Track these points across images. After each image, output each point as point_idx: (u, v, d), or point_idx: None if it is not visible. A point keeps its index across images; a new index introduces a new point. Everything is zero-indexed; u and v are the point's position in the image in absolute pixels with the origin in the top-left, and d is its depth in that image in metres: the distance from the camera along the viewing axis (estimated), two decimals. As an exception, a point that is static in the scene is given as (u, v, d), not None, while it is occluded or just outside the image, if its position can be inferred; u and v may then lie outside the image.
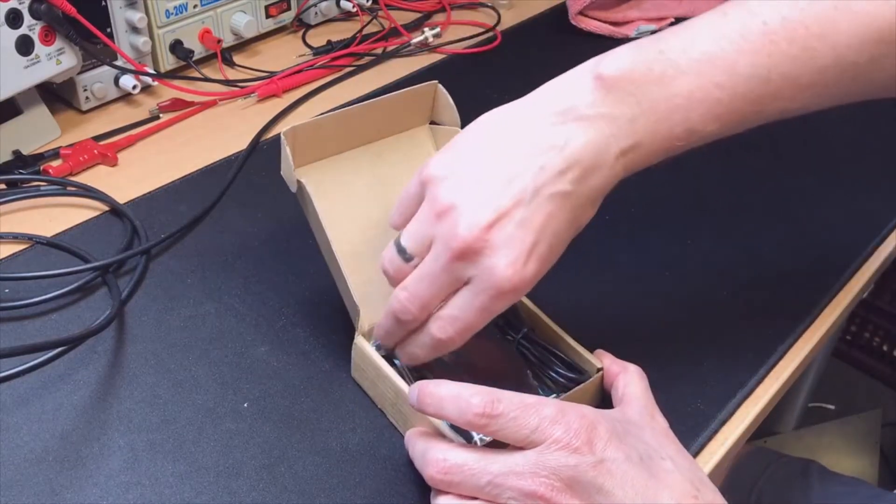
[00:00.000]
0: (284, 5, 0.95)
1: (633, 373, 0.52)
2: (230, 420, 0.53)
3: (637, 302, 0.65)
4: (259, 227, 0.69)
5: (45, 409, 0.53)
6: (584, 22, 1.00)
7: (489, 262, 0.44)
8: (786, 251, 0.70)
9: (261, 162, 0.77)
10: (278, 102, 0.86)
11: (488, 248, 0.43)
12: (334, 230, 0.54)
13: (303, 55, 0.94)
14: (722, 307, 0.65)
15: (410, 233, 0.47)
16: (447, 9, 1.04)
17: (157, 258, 0.66)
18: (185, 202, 0.71)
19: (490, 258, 0.43)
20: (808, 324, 0.64)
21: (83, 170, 0.75)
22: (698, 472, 0.45)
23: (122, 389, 0.55)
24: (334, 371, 0.57)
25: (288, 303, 0.62)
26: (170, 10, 0.84)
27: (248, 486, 0.50)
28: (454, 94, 0.58)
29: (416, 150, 0.59)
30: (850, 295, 0.67)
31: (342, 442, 0.52)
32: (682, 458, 0.46)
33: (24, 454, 0.51)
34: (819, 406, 1.44)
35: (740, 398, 0.57)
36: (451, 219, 0.44)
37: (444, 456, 0.44)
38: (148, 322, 0.60)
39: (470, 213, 0.44)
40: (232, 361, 0.57)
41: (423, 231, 0.46)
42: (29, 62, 0.72)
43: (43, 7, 0.70)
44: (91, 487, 0.49)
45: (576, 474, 0.41)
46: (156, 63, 0.87)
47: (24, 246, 0.66)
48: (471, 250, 0.43)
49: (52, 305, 0.61)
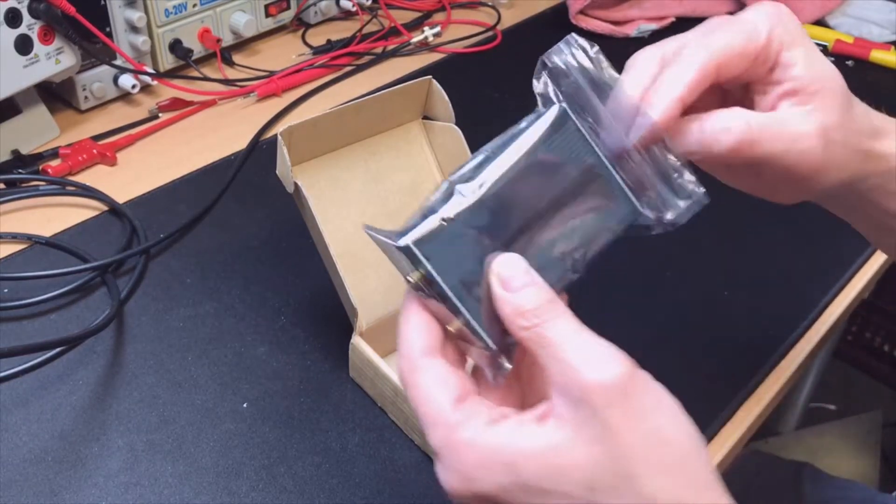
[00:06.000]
0: (284, 4, 0.95)
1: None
2: (229, 420, 0.53)
3: (637, 301, 0.65)
4: (258, 227, 0.69)
5: (44, 409, 0.53)
6: (585, 21, 1.00)
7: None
8: (787, 251, 0.69)
9: (260, 161, 0.77)
10: (278, 102, 0.86)
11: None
12: (330, 230, 0.53)
13: (302, 54, 0.94)
14: (722, 307, 0.64)
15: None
16: (447, 8, 1.04)
17: (156, 258, 0.66)
18: (185, 202, 0.71)
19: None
20: (808, 324, 0.63)
21: (82, 169, 0.75)
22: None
23: (122, 389, 0.55)
24: (334, 371, 0.57)
25: (287, 303, 0.62)
26: (169, 9, 0.84)
27: (247, 486, 0.49)
28: (454, 94, 0.58)
29: (410, 146, 0.59)
30: (851, 295, 0.67)
31: (342, 442, 0.52)
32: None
33: (24, 454, 0.50)
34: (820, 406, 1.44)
35: (741, 398, 0.57)
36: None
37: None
38: (147, 322, 0.60)
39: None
40: (231, 361, 0.57)
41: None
42: (28, 61, 0.72)
43: (42, 6, 0.70)
44: (90, 488, 0.49)
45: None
46: (155, 62, 0.86)
47: (23, 246, 0.66)
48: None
49: (51, 305, 0.61)
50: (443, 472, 0.35)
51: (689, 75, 0.39)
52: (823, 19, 1.05)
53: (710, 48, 0.39)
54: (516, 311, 0.35)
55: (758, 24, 0.40)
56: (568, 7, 1.00)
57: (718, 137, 0.39)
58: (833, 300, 0.66)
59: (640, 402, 0.33)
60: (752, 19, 0.40)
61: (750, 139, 0.39)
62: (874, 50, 0.98)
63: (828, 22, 1.05)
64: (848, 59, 0.99)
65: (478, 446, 0.34)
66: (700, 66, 0.39)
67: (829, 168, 0.40)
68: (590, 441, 0.33)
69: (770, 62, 0.40)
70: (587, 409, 0.33)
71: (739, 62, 0.39)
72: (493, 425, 0.34)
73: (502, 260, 0.36)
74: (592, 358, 0.33)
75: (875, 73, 0.97)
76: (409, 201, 0.59)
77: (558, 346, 0.34)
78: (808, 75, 0.40)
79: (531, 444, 0.33)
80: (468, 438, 0.34)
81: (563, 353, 0.34)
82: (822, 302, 0.65)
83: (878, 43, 1.00)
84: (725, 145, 0.39)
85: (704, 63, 0.39)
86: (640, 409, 0.33)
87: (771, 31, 0.39)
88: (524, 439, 0.34)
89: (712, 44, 0.39)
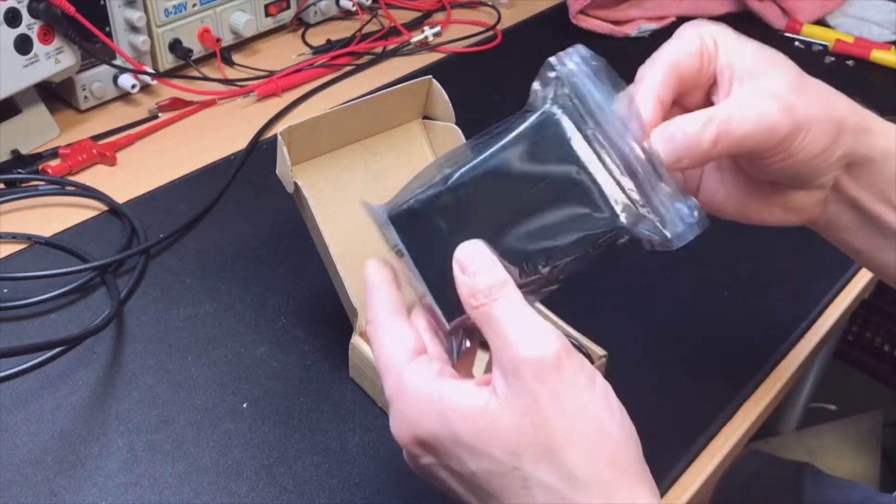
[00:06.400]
0: (284, 4, 0.95)
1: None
2: (229, 420, 0.53)
3: (637, 301, 0.65)
4: (258, 227, 0.69)
5: (43, 410, 0.53)
6: (585, 21, 1.00)
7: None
8: (787, 251, 0.69)
9: (260, 161, 0.77)
10: (278, 102, 0.86)
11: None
12: (330, 230, 0.53)
13: (302, 54, 0.94)
14: (722, 307, 0.64)
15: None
16: (447, 7, 1.04)
17: (156, 258, 0.65)
18: (185, 202, 0.71)
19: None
20: (808, 324, 0.63)
21: (82, 169, 0.75)
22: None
23: (121, 389, 0.55)
24: (333, 371, 0.57)
25: (287, 303, 0.62)
26: (169, 8, 0.84)
27: (247, 486, 0.49)
28: (454, 94, 0.58)
29: (410, 146, 0.59)
30: (851, 295, 0.67)
31: (342, 442, 0.52)
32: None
33: (23, 454, 0.50)
34: (820, 406, 1.43)
35: (741, 398, 0.57)
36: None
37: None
38: (147, 322, 0.60)
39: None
40: (231, 361, 0.57)
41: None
42: (27, 61, 0.71)
43: (42, 6, 0.70)
44: (90, 488, 0.49)
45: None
46: (155, 62, 0.86)
47: (23, 246, 0.66)
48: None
49: (51, 305, 0.61)
50: (392, 419, 0.39)
51: (658, 73, 0.42)
52: (824, 19, 1.05)
53: (664, 51, 0.43)
54: (469, 291, 0.38)
55: (686, 30, 0.43)
56: (568, 7, 1.00)
57: (701, 133, 0.40)
58: (833, 300, 0.66)
59: (569, 381, 0.36)
60: (681, 32, 0.43)
61: (726, 127, 0.40)
62: (874, 50, 0.98)
63: (828, 22, 1.05)
64: (848, 59, 0.99)
65: (420, 393, 0.38)
66: (664, 63, 0.42)
67: (804, 135, 0.41)
68: (518, 412, 0.35)
69: (712, 61, 0.43)
70: (519, 381, 0.36)
71: (692, 61, 0.42)
72: (438, 379, 0.38)
73: (464, 245, 0.39)
74: (529, 336, 0.36)
75: (875, 73, 0.97)
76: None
77: (501, 323, 0.37)
78: (738, 58, 0.42)
79: (466, 403, 0.37)
80: (413, 385, 0.38)
81: (503, 330, 0.37)
82: (822, 302, 0.65)
83: (879, 43, 1.00)
84: (708, 137, 0.40)
85: (666, 60, 0.42)
86: (568, 387, 0.36)
87: (701, 34, 0.43)
88: (461, 396, 0.37)
89: (665, 49, 0.43)
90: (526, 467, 0.35)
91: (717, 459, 0.54)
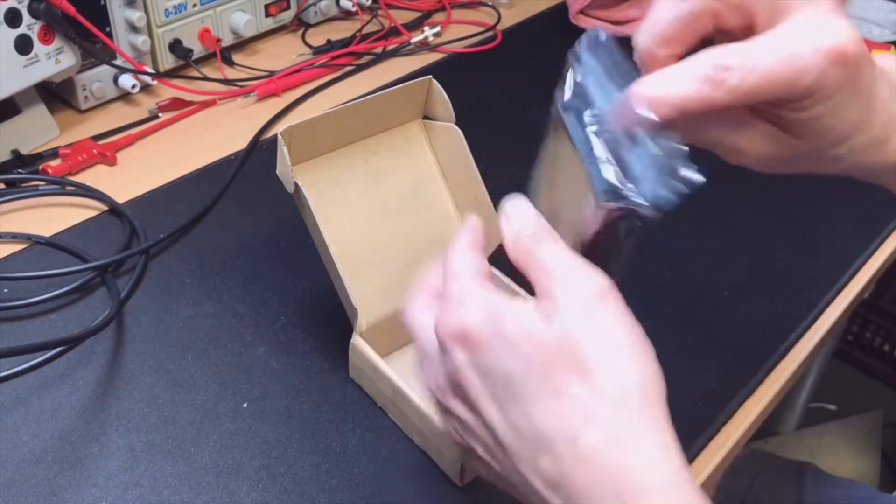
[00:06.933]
0: (284, 4, 0.95)
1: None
2: (229, 420, 0.53)
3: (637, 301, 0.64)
4: (258, 227, 0.69)
5: (43, 409, 0.53)
6: (585, 21, 1.00)
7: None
8: (787, 251, 0.69)
9: (260, 161, 0.77)
10: (278, 102, 0.86)
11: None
12: (330, 230, 0.53)
13: (302, 54, 0.94)
14: (722, 307, 0.64)
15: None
16: (447, 8, 1.04)
17: (156, 258, 0.66)
18: (185, 202, 0.71)
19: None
20: (808, 324, 0.63)
21: (82, 169, 0.75)
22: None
23: (121, 389, 0.55)
24: (333, 371, 0.57)
25: (287, 303, 0.62)
26: (169, 9, 0.84)
27: (247, 486, 0.49)
28: (454, 94, 0.58)
29: (410, 146, 0.59)
30: (851, 295, 0.67)
31: (342, 442, 0.52)
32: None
33: (23, 454, 0.50)
34: (820, 406, 1.44)
35: (741, 398, 0.57)
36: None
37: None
38: (147, 322, 0.60)
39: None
40: (231, 361, 0.57)
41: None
42: (28, 61, 0.72)
43: (42, 6, 0.70)
44: (90, 488, 0.49)
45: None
46: (155, 62, 0.86)
47: (23, 246, 0.66)
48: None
49: (51, 305, 0.61)
50: (441, 312, 0.41)
51: (669, 12, 0.40)
52: (823, 19, 1.05)
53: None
54: (517, 236, 0.41)
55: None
56: (568, 7, 1.00)
57: (723, 75, 0.37)
58: (833, 300, 0.66)
59: (605, 315, 0.39)
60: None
61: (752, 64, 0.37)
62: (874, 50, 0.98)
63: (828, 22, 1.05)
64: (848, 59, 0.99)
65: (478, 290, 0.40)
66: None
67: (837, 82, 0.38)
68: (563, 331, 0.38)
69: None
70: (565, 309, 0.38)
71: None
72: (498, 293, 0.40)
73: (510, 201, 0.42)
74: (579, 270, 0.40)
75: (875, 73, 0.97)
76: (410, 201, 0.59)
77: (551, 256, 0.40)
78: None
79: (518, 312, 0.39)
80: (474, 285, 0.41)
81: (555, 262, 0.40)
82: (822, 302, 0.65)
83: (878, 43, 1.00)
84: (735, 79, 0.37)
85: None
86: (613, 319, 0.39)
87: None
88: (512, 304, 0.39)
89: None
90: (559, 377, 0.37)
91: (717, 459, 0.54)
